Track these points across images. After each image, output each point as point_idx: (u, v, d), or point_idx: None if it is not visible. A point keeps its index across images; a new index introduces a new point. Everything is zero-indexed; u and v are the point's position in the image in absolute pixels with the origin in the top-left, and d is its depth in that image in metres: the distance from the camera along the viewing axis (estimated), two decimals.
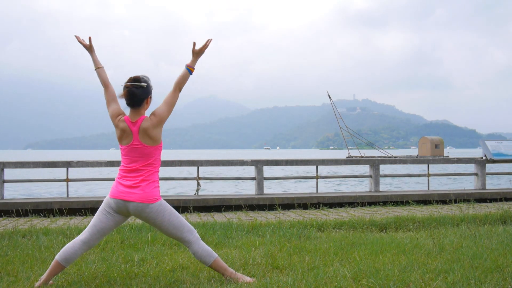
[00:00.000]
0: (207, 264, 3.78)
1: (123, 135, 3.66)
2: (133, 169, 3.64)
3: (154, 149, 3.67)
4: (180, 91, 3.78)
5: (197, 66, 3.88)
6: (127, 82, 3.63)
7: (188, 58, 3.87)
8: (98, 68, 3.92)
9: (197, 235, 3.81)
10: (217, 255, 3.84)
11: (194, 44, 3.86)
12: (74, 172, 29.15)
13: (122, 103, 3.72)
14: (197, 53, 3.86)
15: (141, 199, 3.59)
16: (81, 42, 3.96)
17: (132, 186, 3.61)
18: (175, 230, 3.72)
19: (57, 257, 3.64)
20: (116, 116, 3.71)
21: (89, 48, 3.97)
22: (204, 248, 3.77)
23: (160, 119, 3.65)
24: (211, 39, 3.90)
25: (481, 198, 10.82)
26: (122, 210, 3.66)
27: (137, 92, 3.61)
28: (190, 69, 3.80)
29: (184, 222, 3.76)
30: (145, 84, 3.64)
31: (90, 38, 3.96)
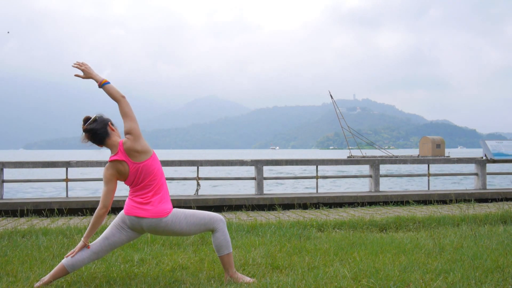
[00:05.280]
0: (220, 253, 3.78)
1: (122, 171, 3.61)
2: (140, 187, 3.63)
3: (150, 161, 3.62)
4: (122, 98, 3.60)
5: (197, 66, 3.85)
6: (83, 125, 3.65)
7: (187, 58, 3.83)
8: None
9: (224, 223, 3.81)
10: (232, 250, 3.85)
11: (83, 71, 3.64)
12: (73, 172, 29.14)
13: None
14: (87, 76, 3.66)
15: (153, 215, 3.59)
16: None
17: (144, 202, 3.61)
18: (197, 227, 3.74)
19: (63, 261, 3.63)
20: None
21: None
22: (226, 238, 3.78)
23: (134, 133, 3.56)
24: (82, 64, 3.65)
25: (482, 198, 10.81)
26: (135, 227, 3.67)
27: (95, 136, 3.63)
28: (103, 83, 3.59)
29: (202, 216, 3.76)
30: (94, 129, 3.60)
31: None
